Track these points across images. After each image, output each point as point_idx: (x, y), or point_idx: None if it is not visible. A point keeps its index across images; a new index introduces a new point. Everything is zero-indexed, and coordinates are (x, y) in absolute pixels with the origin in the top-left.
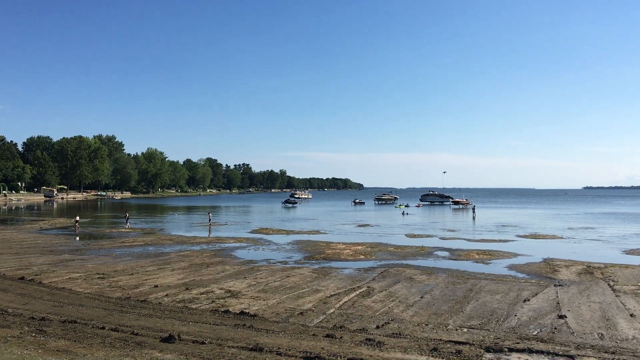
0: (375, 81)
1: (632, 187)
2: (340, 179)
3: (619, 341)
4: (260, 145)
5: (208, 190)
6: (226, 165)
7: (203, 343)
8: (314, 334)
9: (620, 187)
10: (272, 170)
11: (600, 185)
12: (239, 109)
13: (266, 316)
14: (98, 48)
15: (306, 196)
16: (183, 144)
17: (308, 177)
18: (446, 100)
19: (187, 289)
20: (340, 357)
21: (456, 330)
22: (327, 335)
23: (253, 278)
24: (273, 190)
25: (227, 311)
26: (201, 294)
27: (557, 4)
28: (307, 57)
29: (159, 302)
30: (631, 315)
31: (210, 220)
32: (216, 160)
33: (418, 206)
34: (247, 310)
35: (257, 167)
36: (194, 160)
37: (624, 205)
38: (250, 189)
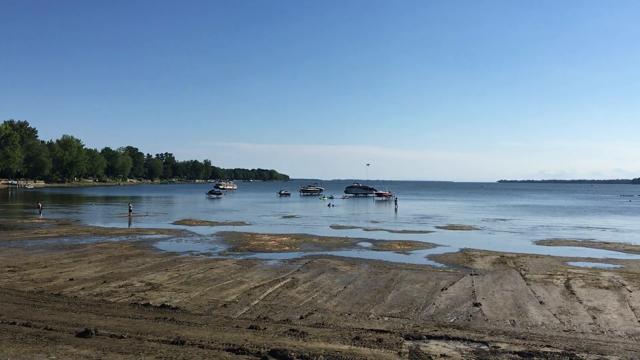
0: (299, 72)
1: (543, 181)
2: (266, 170)
3: (529, 327)
4: (184, 134)
5: (128, 180)
6: (148, 154)
7: (121, 337)
8: (237, 326)
9: (532, 181)
10: (196, 161)
11: (514, 179)
12: (161, 97)
13: (188, 309)
14: (4, 27)
15: (231, 187)
16: (102, 132)
17: (233, 168)
18: (367, 93)
19: (104, 282)
20: (264, 348)
21: (377, 319)
22: (251, 327)
23: (175, 270)
24: (197, 180)
25: (147, 304)
26: (120, 287)
27: (475, 3)
28: (229, 46)
29: (75, 296)
30: (540, 302)
31: (130, 211)
32: (137, 149)
33: (343, 198)
34: (168, 303)
35: (180, 157)
36: (113, 149)
37: (535, 198)
38: (173, 180)
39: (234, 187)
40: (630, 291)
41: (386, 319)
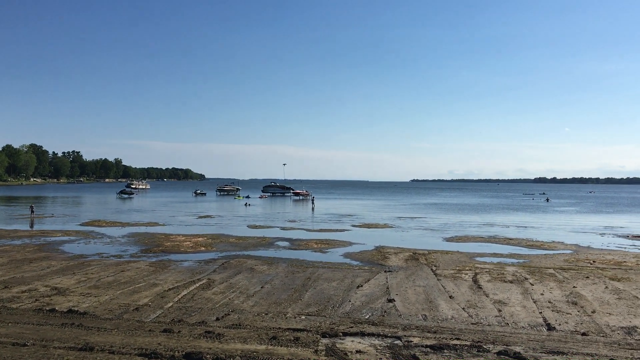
0: (213, 71)
1: (452, 180)
2: (181, 170)
3: (439, 321)
4: (93, 132)
5: (32, 180)
6: (53, 152)
7: (25, 345)
8: (150, 330)
9: (443, 180)
10: (105, 159)
11: (425, 178)
12: (67, 92)
13: (98, 313)
14: None
15: (144, 187)
16: (3, 129)
17: (146, 167)
18: (282, 93)
19: (6, 287)
20: (178, 352)
21: (295, 318)
22: (165, 330)
23: (83, 274)
24: (107, 180)
25: (53, 310)
26: (23, 292)
27: (385, 6)
28: (138, 41)
29: None
30: (450, 297)
31: (32, 212)
32: (41, 146)
33: (262, 197)
34: (75, 308)
35: (89, 155)
36: (15, 147)
37: (444, 197)
38: (81, 179)
39: (147, 187)
40: (532, 284)
41: (303, 317)
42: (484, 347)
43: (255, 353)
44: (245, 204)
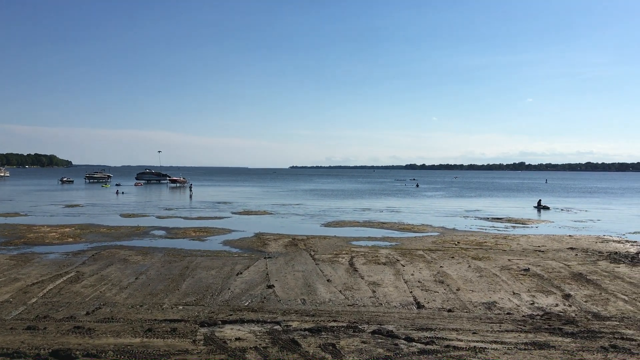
0: (84, 48)
1: (330, 167)
2: (45, 155)
3: (318, 304)
4: None
5: None
6: None
7: None
8: (12, 328)
9: (321, 167)
10: None
11: (304, 165)
12: None
13: None
14: None
15: (2, 174)
16: None
17: (5, 153)
18: (158, 76)
19: None
20: (44, 349)
21: (172, 308)
22: (29, 327)
23: None
24: None
25: None
26: None
27: None
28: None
29: None
30: (328, 280)
31: None
32: None
33: (137, 185)
34: None
35: None
36: None
37: (323, 183)
38: None
39: (6, 174)
40: (404, 265)
41: (181, 307)
42: (359, 327)
43: (130, 347)
44: (117, 192)
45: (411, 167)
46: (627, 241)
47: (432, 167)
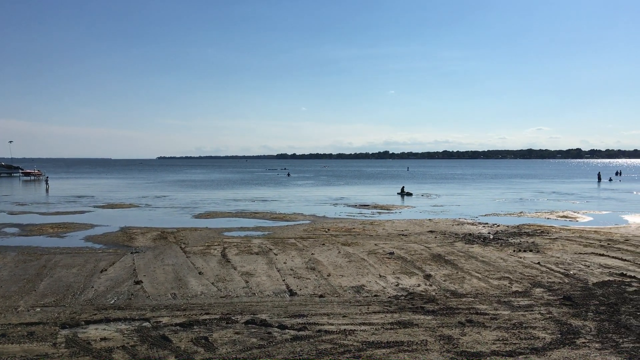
0: None
1: (200, 157)
2: None
3: (189, 298)
4: None
5: None
6: None
7: None
8: None
9: (191, 157)
10: None
11: (172, 155)
12: None
13: None
14: None
15: None
16: None
17: None
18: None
19: None
20: None
21: (28, 311)
22: None
23: None
24: None
25: None
26: None
27: None
28: None
29: None
30: (200, 273)
31: None
32: None
33: None
34: None
35: None
36: None
37: (192, 174)
38: None
39: None
40: (276, 254)
41: (38, 309)
42: (233, 318)
43: None
44: None
45: (282, 156)
46: (479, 223)
47: (303, 157)
